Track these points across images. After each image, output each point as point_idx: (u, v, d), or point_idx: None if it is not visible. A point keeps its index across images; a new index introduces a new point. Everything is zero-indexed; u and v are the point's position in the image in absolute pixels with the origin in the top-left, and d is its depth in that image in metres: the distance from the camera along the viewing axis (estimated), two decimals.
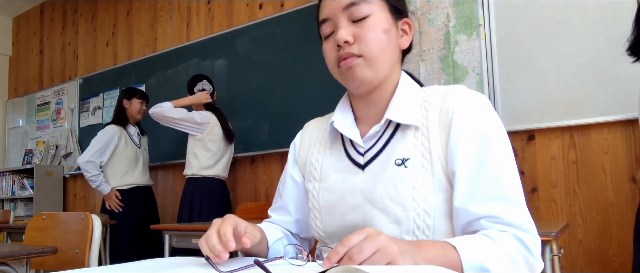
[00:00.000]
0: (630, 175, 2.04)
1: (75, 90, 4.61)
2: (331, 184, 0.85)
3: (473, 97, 0.78)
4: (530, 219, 0.71)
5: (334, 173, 0.85)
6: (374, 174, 0.79)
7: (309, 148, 0.93)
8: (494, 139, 0.74)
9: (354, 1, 0.78)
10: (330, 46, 0.82)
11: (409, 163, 0.76)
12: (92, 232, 1.59)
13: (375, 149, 0.82)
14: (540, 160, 2.25)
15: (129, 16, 4.30)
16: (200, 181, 2.85)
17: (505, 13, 2.32)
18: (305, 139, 0.95)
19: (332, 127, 0.87)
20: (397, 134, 0.80)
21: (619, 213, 2.05)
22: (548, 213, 2.21)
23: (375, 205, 0.78)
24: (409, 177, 0.75)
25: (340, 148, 0.87)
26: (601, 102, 2.08)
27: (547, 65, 2.20)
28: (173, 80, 3.77)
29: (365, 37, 0.78)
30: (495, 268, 0.64)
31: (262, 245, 0.85)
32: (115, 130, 3.12)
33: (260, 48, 3.26)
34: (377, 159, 0.80)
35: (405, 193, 0.75)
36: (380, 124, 0.81)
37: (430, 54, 2.50)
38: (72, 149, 4.48)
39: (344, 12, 0.79)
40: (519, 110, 2.26)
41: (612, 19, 2.06)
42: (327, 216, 0.84)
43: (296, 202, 0.95)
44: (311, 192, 0.89)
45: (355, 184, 0.81)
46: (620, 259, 2.04)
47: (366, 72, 0.79)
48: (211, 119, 2.85)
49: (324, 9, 0.82)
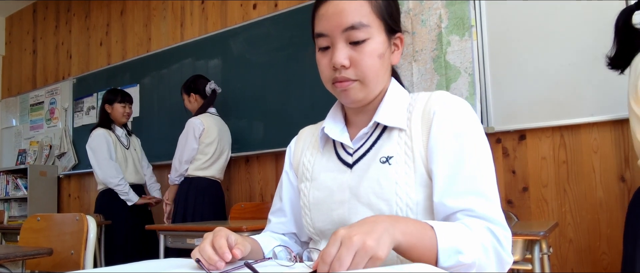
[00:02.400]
0: (619, 175, 2.08)
1: (69, 89, 4.59)
2: (321, 182, 0.89)
3: (453, 101, 0.82)
4: (502, 215, 0.75)
5: (324, 172, 0.89)
6: (361, 171, 0.84)
7: (302, 152, 0.97)
8: (471, 139, 0.78)
9: (354, 24, 0.79)
10: (325, 62, 0.84)
11: (393, 161, 0.81)
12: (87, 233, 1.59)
13: (363, 149, 0.86)
14: (531, 160, 2.28)
15: (122, 16, 4.30)
16: (195, 181, 2.86)
17: (497, 14, 2.35)
18: (299, 143, 1.00)
19: (323, 133, 0.91)
20: (384, 135, 0.85)
21: (609, 212, 2.09)
22: (539, 213, 2.24)
23: (360, 200, 0.82)
24: (392, 173, 0.80)
25: (331, 151, 0.91)
26: (591, 103, 2.11)
27: (538, 65, 2.23)
28: (167, 80, 3.77)
29: (362, 63, 0.81)
30: (468, 252, 0.66)
31: (254, 255, 0.85)
32: (102, 132, 3.12)
33: (254, 48, 3.27)
34: (364, 158, 0.85)
35: (388, 188, 0.79)
36: (369, 126, 0.85)
37: (423, 54, 2.52)
38: (66, 149, 4.46)
39: (342, 33, 0.80)
40: (510, 110, 2.29)
41: (602, 21, 2.08)
42: (316, 212, 0.88)
43: (293, 203, 0.98)
44: (302, 191, 0.93)
45: (343, 181, 0.86)
46: (610, 257, 2.07)
47: (360, 95, 0.83)
48: (206, 123, 2.85)
49: (321, 22, 0.83)
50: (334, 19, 0.80)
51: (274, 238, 0.96)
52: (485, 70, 2.35)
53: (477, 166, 0.76)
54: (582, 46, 2.13)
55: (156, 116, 3.82)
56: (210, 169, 2.89)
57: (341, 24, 0.80)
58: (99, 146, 3.06)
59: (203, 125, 2.83)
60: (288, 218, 0.99)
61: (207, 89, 2.97)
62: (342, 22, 0.80)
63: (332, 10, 0.81)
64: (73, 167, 4.43)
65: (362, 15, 0.80)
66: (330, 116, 0.93)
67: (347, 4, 0.80)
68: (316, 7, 0.85)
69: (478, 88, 2.35)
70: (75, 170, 4.42)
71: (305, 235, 0.97)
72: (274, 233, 0.99)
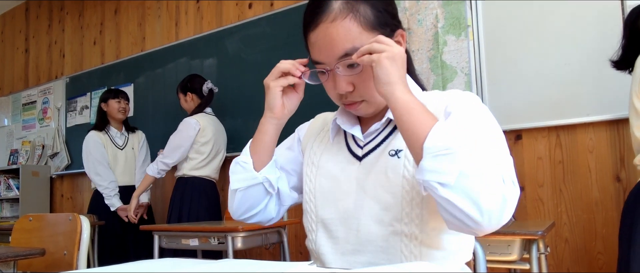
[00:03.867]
0: (615, 175, 2.08)
1: (62, 89, 4.55)
2: (328, 171, 0.88)
3: (467, 94, 0.82)
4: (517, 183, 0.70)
5: (332, 162, 0.89)
6: (369, 164, 0.84)
7: (314, 136, 0.97)
8: (485, 122, 0.76)
9: (347, 51, 0.77)
10: (330, 86, 0.83)
11: (402, 154, 0.80)
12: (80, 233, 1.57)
13: (373, 143, 0.86)
14: (528, 160, 2.28)
15: (116, 15, 4.26)
16: (191, 181, 2.84)
17: (493, 14, 2.35)
18: (313, 127, 0.99)
19: (335, 124, 0.90)
20: (396, 131, 0.84)
21: (604, 211, 2.09)
22: (535, 212, 2.24)
23: (367, 192, 0.82)
24: (400, 167, 0.79)
25: (342, 142, 0.91)
26: (587, 103, 2.11)
27: (534, 66, 2.23)
28: (162, 80, 3.74)
29: (363, 85, 0.80)
30: (455, 161, 0.64)
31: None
32: (92, 135, 3.12)
33: (250, 47, 3.25)
34: (374, 152, 0.85)
35: (395, 181, 0.79)
36: (382, 122, 0.85)
37: (420, 54, 2.52)
38: (59, 149, 4.42)
39: (338, 61, 0.78)
40: (506, 110, 2.29)
41: (598, 21, 2.09)
42: (322, 201, 0.88)
43: (284, 166, 0.96)
44: (308, 175, 0.92)
45: (350, 173, 0.85)
46: (605, 257, 2.08)
47: (370, 110, 0.85)
48: (202, 123, 2.83)
49: (315, 50, 0.81)
50: (326, 49, 0.78)
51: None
52: (482, 70, 2.35)
53: (492, 144, 0.72)
54: (578, 46, 2.14)
55: (151, 116, 3.80)
56: (206, 169, 2.87)
57: (334, 53, 0.78)
58: (87, 149, 3.09)
59: (199, 124, 2.81)
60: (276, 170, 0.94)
61: (204, 88, 2.95)
62: (335, 52, 0.78)
63: (322, 39, 0.78)
64: (66, 167, 4.39)
65: (353, 38, 0.77)
66: (342, 108, 0.91)
67: (335, 30, 0.77)
68: (306, 31, 0.82)
69: (474, 88, 2.35)
70: (68, 171, 4.38)
71: (289, 201, 0.95)
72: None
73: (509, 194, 0.66)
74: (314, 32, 0.79)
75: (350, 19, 0.77)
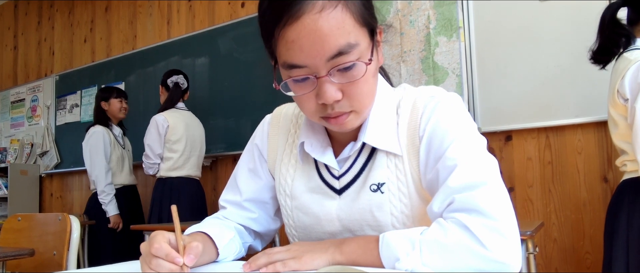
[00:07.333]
0: (602, 175, 2.11)
1: (52, 87, 4.50)
2: (305, 205, 0.79)
3: (436, 110, 0.70)
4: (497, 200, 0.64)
5: (307, 193, 0.79)
6: (350, 200, 0.74)
7: (281, 151, 0.84)
8: (452, 143, 0.67)
9: (341, 49, 0.61)
10: (307, 97, 0.66)
11: (385, 188, 0.72)
12: (70, 233, 1.56)
13: (350, 174, 0.75)
14: (517, 161, 2.30)
15: (107, 12, 4.23)
16: (169, 182, 2.77)
17: (484, 16, 2.37)
18: (274, 137, 0.86)
19: (302, 148, 0.78)
20: (373, 158, 0.74)
21: (592, 212, 2.12)
22: (524, 213, 2.27)
23: (355, 233, 0.75)
24: (386, 203, 0.72)
25: (312, 167, 0.79)
26: (575, 104, 2.14)
27: (525, 67, 2.26)
28: (153, 78, 3.72)
29: (357, 91, 0.65)
30: (406, 260, 0.60)
31: (208, 255, 0.74)
32: (100, 130, 3.01)
33: (242, 46, 3.24)
34: (353, 185, 0.75)
35: (384, 220, 0.72)
36: (356, 147, 0.73)
37: (411, 55, 2.53)
38: (48, 147, 4.38)
39: (328, 62, 0.62)
40: (497, 111, 2.31)
41: (587, 23, 2.11)
42: (304, 236, 0.82)
43: (257, 200, 0.87)
44: (283, 206, 0.83)
45: (331, 209, 0.76)
46: (593, 256, 2.11)
47: (356, 123, 0.70)
48: (170, 120, 2.74)
49: (294, 51, 0.62)
50: (314, 48, 0.61)
51: (227, 227, 0.83)
52: (473, 72, 2.37)
53: (455, 160, 0.67)
54: (568, 48, 2.16)
55: (141, 115, 3.77)
56: (184, 168, 2.80)
57: (325, 52, 0.61)
58: (96, 144, 2.95)
59: (167, 121, 2.73)
60: (253, 215, 0.87)
61: (168, 81, 2.84)
62: (326, 50, 0.61)
63: (307, 36, 0.60)
64: (55, 165, 4.35)
65: (348, 32, 0.61)
66: (309, 126, 0.79)
67: (325, 22, 0.60)
68: (276, 26, 0.63)
69: (465, 89, 2.37)
70: (58, 169, 4.34)
71: (267, 227, 0.91)
72: (226, 221, 0.87)
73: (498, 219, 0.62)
74: (292, 26, 0.61)
75: (342, 8, 0.61)
